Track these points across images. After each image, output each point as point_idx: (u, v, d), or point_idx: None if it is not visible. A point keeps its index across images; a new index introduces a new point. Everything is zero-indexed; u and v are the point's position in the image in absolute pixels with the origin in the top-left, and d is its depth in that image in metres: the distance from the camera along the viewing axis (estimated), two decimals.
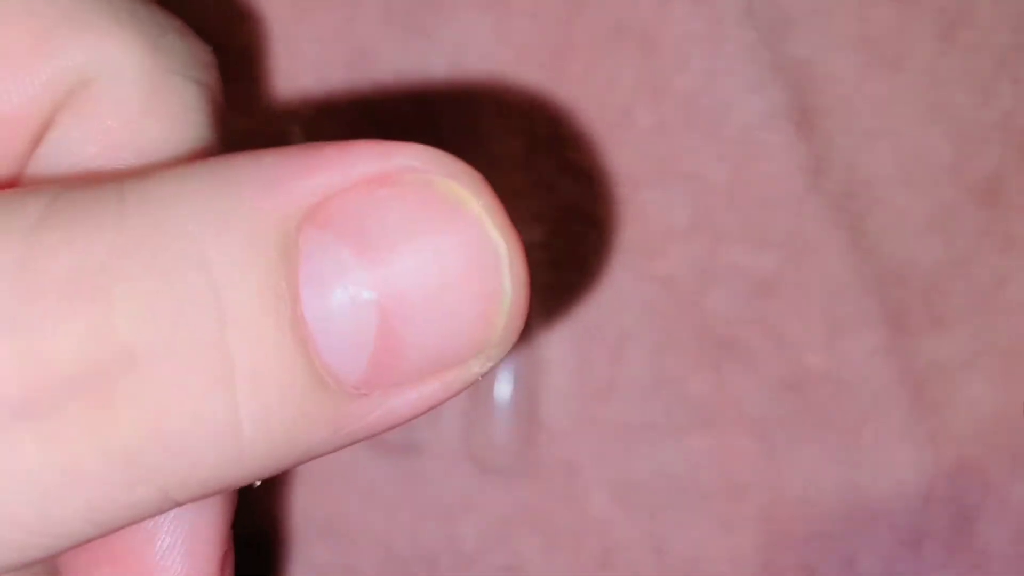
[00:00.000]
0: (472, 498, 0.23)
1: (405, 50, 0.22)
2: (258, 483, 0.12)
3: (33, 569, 0.15)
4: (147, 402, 0.11)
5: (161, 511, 0.12)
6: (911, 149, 0.22)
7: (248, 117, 0.22)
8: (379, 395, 0.12)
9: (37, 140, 0.14)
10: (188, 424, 0.11)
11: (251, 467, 0.12)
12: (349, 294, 0.11)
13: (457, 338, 0.12)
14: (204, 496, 0.12)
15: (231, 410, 0.11)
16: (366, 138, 0.12)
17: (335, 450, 0.12)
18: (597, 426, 0.23)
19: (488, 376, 0.18)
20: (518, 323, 0.12)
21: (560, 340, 0.23)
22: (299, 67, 0.22)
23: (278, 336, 0.11)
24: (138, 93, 0.14)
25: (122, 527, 0.12)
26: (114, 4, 0.14)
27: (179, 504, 0.12)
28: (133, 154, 0.14)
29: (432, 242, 0.11)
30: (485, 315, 0.12)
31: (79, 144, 0.14)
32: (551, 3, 0.22)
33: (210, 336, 0.11)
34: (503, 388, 0.22)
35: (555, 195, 0.22)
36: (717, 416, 0.22)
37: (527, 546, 0.22)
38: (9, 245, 0.11)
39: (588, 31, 0.22)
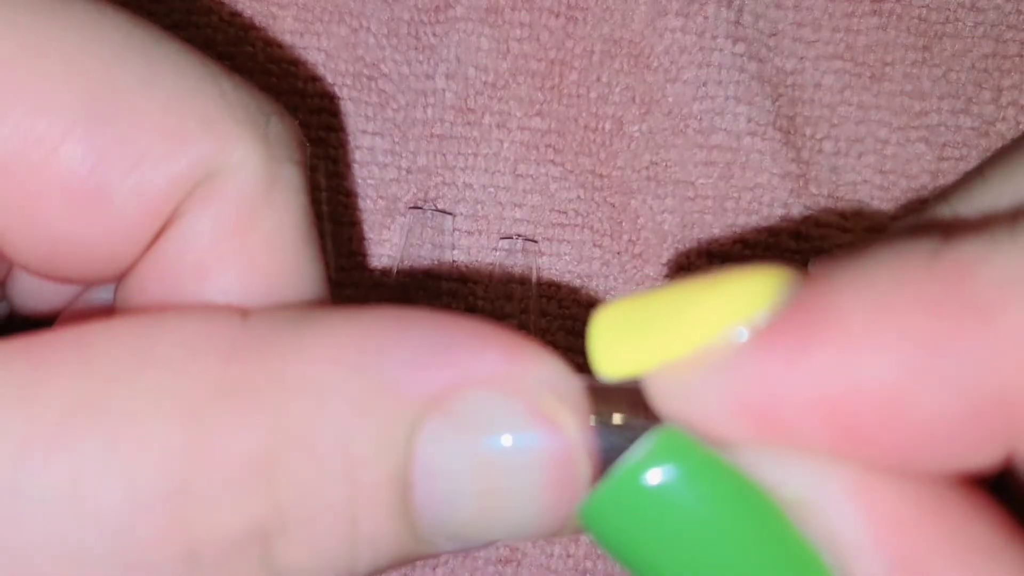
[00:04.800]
0: None
1: (408, 62, 0.22)
2: None
3: None
4: (292, 556, 0.13)
5: None
6: (894, 157, 0.23)
7: None
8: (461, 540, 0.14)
9: (162, 229, 0.15)
10: (319, 569, 0.13)
11: None
12: (451, 476, 0.13)
13: (530, 524, 0.14)
14: None
15: (352, 561, 0.14)
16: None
17: None
18: None
19: None
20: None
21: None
22: (306, 79, 0.22)
23: (393, 507, 0.13)
24: (255, 183, 0.15)
25: None
26: (230, 99, 0.15)
27: None
28: (250, 239, 0.15)
29: (530, 449, 0.13)
30: (557, 517, 0.14)
31: (202, 232, 0.15)
32: (547, 18, 0.22)
33: (344, 507, 0.13)
34: None
35: (551, 201, 0.22)
36: None
37: None
38: (183, 418, 0.13)
39: (583, 44, 0.22)
